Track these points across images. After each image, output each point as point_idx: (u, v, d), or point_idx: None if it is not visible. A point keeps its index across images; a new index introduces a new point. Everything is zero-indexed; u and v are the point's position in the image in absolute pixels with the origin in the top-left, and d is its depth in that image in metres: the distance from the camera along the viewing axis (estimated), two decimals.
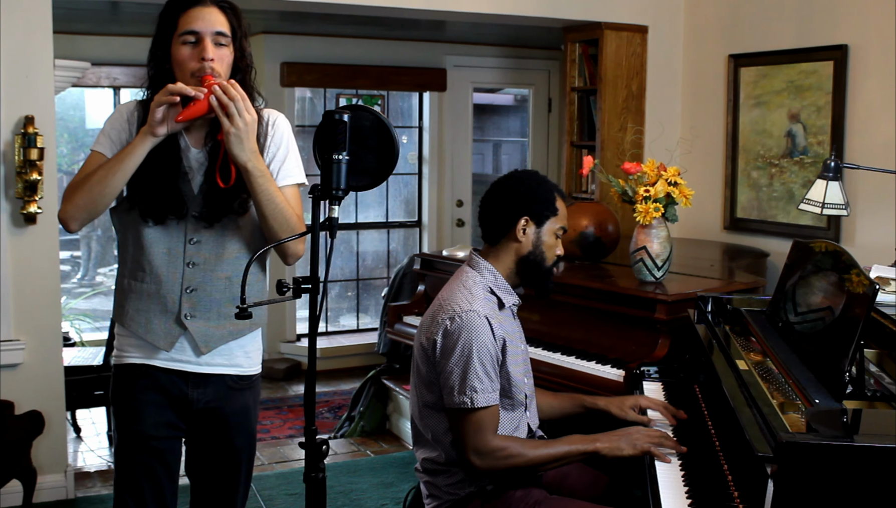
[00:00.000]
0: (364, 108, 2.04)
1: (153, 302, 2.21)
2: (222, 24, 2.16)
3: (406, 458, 4.55)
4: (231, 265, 2.24)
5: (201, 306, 2.22)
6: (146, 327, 2.21)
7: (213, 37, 2.14)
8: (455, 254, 4.30)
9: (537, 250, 2.47)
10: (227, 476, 2.34)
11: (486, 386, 2.30)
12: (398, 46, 6.59)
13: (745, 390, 2.10)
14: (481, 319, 2.32)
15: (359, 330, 6.98)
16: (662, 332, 3.27)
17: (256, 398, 2.37)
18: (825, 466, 1.66)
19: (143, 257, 2.20)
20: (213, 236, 2.22)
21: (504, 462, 2.31)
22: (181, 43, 2.14)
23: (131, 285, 2.23)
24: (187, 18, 2.13)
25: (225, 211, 2.20)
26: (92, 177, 2.13)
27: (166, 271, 2.20)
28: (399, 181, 7.04)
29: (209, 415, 2.27)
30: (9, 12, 3.76)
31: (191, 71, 2.13)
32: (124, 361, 2.26)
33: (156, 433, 2.24)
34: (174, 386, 2.24)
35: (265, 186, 2.15)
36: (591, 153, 5.07)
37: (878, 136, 4.20)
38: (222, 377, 2.26)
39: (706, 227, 5.14)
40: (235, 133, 2.08)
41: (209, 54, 2.12)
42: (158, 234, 2.20)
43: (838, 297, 2.22)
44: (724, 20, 5.04)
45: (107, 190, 2.12)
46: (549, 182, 2.51)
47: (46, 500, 3.91)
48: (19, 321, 3.87)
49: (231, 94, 2.07)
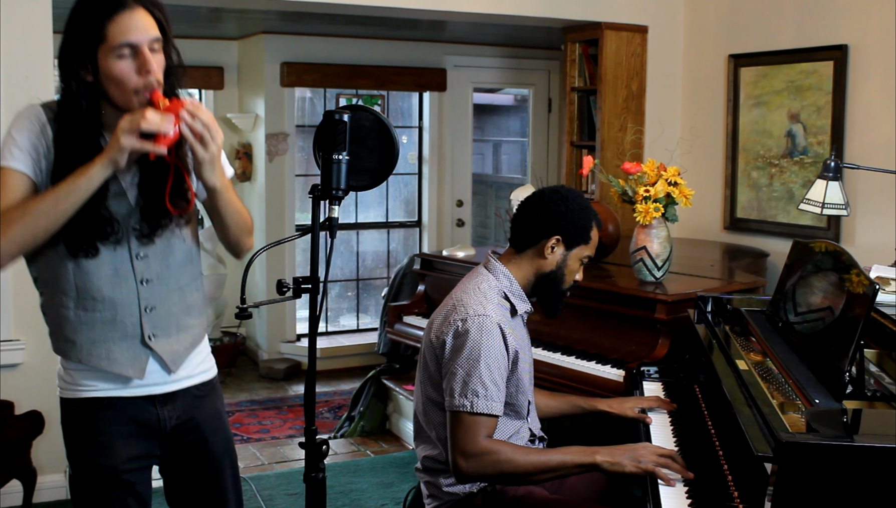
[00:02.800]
0: (364, 108, 2.04)
1: (110, 330, 2.01)
2: (154, 27, 1.94)
3: (406, 458, 4.55)
4: (180, 274, 2.10)
5: (162, 323, 2.06)
6: (108, 358, 2.01)
7: (149, 44, 1.92)
8: (455, 254, 4.30)
9: (559, 271, 2.45)
10: (213, 490, 2.19)
11: (490, 393, 2.25)
12: (398, 46, 6.59)
13: (745, 390, 2.10)
14: (493, 325, 2.29)
15: (359, 330, 6.98)
16: (662, 332, 3.27)
17: (221, 399, 2.24)
18: (825, 466, 1.66)
19: (88, 283, 1.98)
20: (159, 247, 2.05)
21: (491, 466, 2.23)
22: (116, 57, 1.89)
23: (79, 315, 2.00)
24: (119, 28, 1.89)
25: (167, 223, 2.04)
26: (32, 208, 1.88)
27: (119, 295, 2.01)
28: (399, 181, 7.04)
29: (183, 431, 2.13)
30: (9, 12, 3.76)
31: (134, 88, 1.91)
32: (81, 395, 2.04)
33: (127, 466, 2.06)
34: (142, 412, 2.07)
35: (229, 198, 2.05)
36: (591, 153, 5.07)
37: (878, 136, 4.20)
38: (187, 390, 2.13)
39: (706, 227, 5.14)
40: (209, 159, 1.94)
41: (152, 67, 1.91)
42: (102, 256, 1.99)
43: (838, 297, 2.22)
44: (724, 20, 5.04)
45: (51, 225, 1.89)
46: (592, 210, 2.46)
47: (46, 500, 3.91)
48: (19, 321, 3.87)
49: (204, 120, 1.91)
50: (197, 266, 2.16)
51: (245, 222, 2.14)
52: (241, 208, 2.13)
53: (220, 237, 2.17)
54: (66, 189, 1.88)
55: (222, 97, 6.57)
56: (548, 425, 2.68)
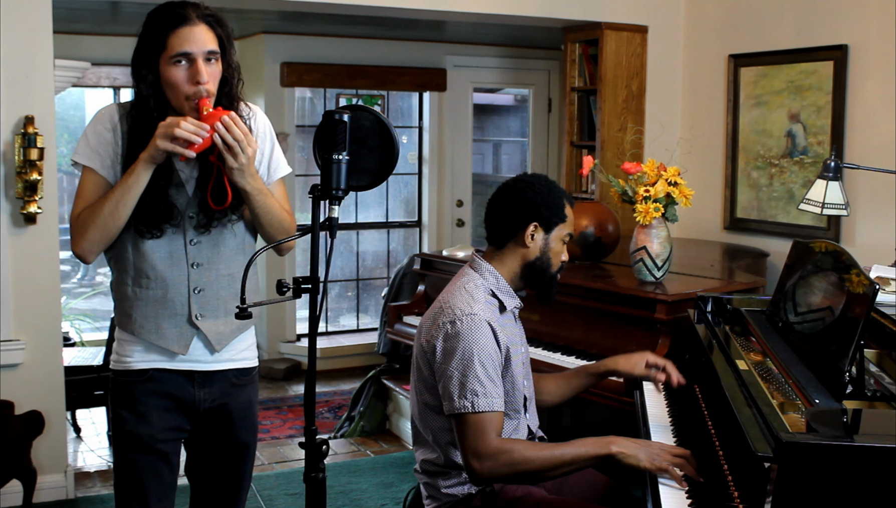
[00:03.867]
0: (364, 108, 2.04)
1: (161, 307, 2.22)
2: (212, 41, 2.13)
3: (406, 458, 4.55)
4: (231, 262, 2.28)
5: (210, 305, 2.24)
6: (157, 333, 2.22)
7: (204, 56, 2.11)
8: (455, 254, 4.30)
9: (544, 256, 2.45)
10: (232, 473, 2.37)
11: (489, 390, 2.25)
12: (398, 46, 6.59)
13: (745, 390, 2.10)
14: (482, 322, 2.29)
15: (359, 330, 6.98)
16: (662, 332, 3.27)
17: (256, 391, 2.40)
18: (825, 466, 1.66)
19: (144, 263, 2.21)
20: (212, 236, 2.24)
21: (506, 466, 2.21)
22: (172, 64, 2.11)
23: (136, 292, 2.23)
24: (178, 39, 2.10)
25: (220, 216, 2.23)
26: (101, 210, 2.13)
27: (171, 275, 2.21)
28: (399, 181, 7.04)
29: (215, 413, 2.30)
30: (9, 12, 3.76)
31: (185, 95, 2.12)
32: (129, 366, 2.25)
33: (162, 436, 2.25)
34: (181, 388, 2.26)
35: (263, 201, 2.20)
36: (591, 153, 5.08)
37: (878, 136, 4.20)
38: (226, 374, 2.30)
39: (706, 227, 5.14)
40: (239, 167, 2.12)
41: (204, 77, 2.11)
42: (157, 239, 2.21)
43: (838, 297, 2.22)
44: (724, 20, 5.04)
45: (119, 222, 2.14)
46: (559, 188, 2.48)
47: (46, 500, 3.91)
48: (19, 321, 3.87)
49: (236, 134, 2.09)
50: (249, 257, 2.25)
51: (281, 223, 2.28)
52: (278, 211, 2.26)
53: (260, 233, 2.33)
54: (122, 189, 2.12)
55: None
56: (547, 425, 2.67)
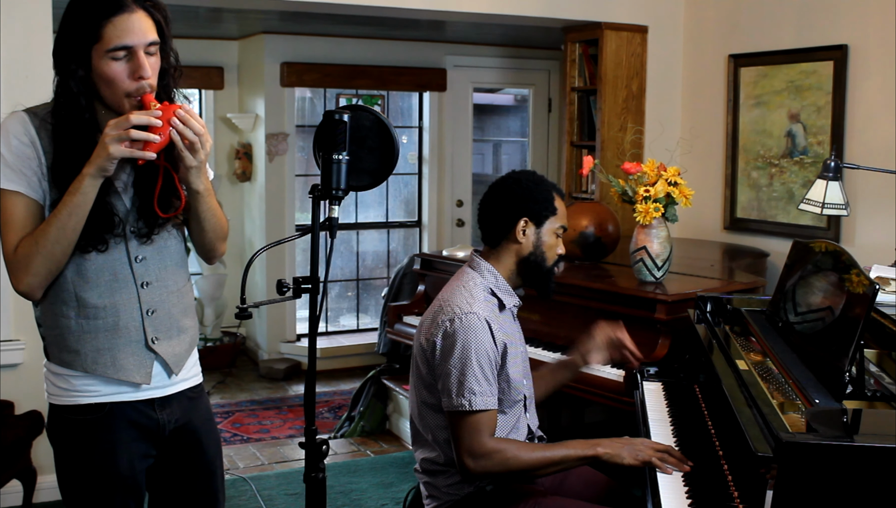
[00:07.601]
0: (364, 108, 2.04)
1: (115, 336, 2.00)
2: (152, 30, 1.92)
3: (406, 458, 4.55)
4: (178, 277, 2.10)
5: (164, 325, 2.05)
6: (115, 366, 2.00)
7: (145, 48, 1.90)
8: (455, 254, 4.30)
9: (538, 250, 2.47)
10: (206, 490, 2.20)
11: (485, 389, 2.28)
12: (398, 46, 6.58)
13: (745, 390, 2.10)
14: (481, 321, 2.31)
15: (359, 330, 6.98)
16: (662, 332, 3.27)
17: (209, 402, 2.26)
18: (825, 466, 1.66)
19: (88, 291, 1.97)
20: (155, 249, 2.05)
21: (499, 465, 2.28)
22: (110, 59, 1.88)
23: (81, 324, 1.98)
24: (115, 30, 1.87)
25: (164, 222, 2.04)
26: (44, 238, 1.89)
27: (120, 299, 2.00)
28: (399, 181, 7.04)
29: (181, 433, 2.13)
30: (9, 12, 3.76)
31: (126, 91, 1.91)
32: (80, 402, 2.01)
33: (129, 470, 2.05)
34: (142, 416, 2.06)
35: (210, 202, 2.06)
36: (591, 153, 5.08)
37: (878, 136, 4.20)
38: (183, 392, 2.13)
39: (706, 227, 5.14)
40: (196, 166, 1.95)
41: (147, 72, 1.90)
42: (99, 261, 1.98)
43: (838, 297, 2.22)
44: (724, 20, 5.04)
45: (68, 249, 1.92)
46: (547, 181, 2.50)
47: (46, 500, 3.90)
48: (19, 321, 3.87)
49: (195, 128, 1.91)
50: (187, 268, 2.16)
51: (222, 228, 2.14)
52: (220, 214, 2.12)
53: (194, 241, 2.15)
54: (66, 210, 1.88)
55: (222, 97, 6.57)
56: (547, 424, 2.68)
